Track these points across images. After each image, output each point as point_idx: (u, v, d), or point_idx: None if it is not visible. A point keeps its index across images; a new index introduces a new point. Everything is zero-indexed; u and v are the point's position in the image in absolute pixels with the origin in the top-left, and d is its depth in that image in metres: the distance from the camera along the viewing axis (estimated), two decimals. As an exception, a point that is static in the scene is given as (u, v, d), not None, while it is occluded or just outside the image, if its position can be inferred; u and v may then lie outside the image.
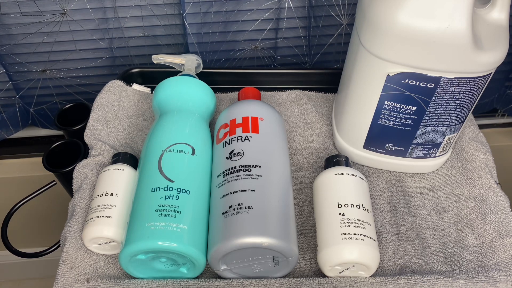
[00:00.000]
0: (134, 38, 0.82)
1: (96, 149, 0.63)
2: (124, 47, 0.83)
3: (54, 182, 0.64)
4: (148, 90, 0.74)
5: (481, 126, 0.69)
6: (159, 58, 0.68)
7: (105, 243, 0.52)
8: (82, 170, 0.60)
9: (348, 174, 0.54)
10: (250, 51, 0.85)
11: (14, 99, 0.88)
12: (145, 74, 0.77)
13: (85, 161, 0.61)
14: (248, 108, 0.59)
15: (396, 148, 0.60)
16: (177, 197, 0.49)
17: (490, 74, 0.52)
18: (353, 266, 0.49)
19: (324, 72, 0.77)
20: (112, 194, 0.54)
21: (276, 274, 0.51)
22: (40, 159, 0.63)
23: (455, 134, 0.59)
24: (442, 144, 0.59)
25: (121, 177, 0.56)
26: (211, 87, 0.64)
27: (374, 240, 0.50)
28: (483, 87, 0.53)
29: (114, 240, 0.51)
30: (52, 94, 0.89)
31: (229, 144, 0.55)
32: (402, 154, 0.60)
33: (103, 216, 0.52)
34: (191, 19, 0.78)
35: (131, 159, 0.59)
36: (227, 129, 0.57)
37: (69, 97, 0.89)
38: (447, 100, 0.53)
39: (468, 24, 0.46)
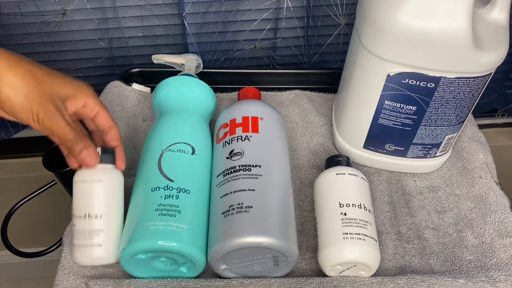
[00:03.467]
0: (133, 38, 0.82)
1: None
2: (124, 47, 0.83)
3: (54, 182, 0.63)
4: (147, 89, 0.74)
5: (481, 126, 0.69)
6: (159, 58, 0.68)
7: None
8: None
9: (350, 174, 0.54)
10: (249, 51, 0.85)
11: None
12: (145, 74, 0.77)
13: None
14: (248, 108, 0.59)
15: (396, 148, 0.60)
16: (177, 196, 0.49)
17: (490, 74, 0.52)
18: (354, 265, 0.49)
19: (324, 72, 0.77)
20: (96, 217, 0.48)
21: (276, 274, 0.51)
22: (39, 159, 0.62)
23: (455, 134, 0.59)
24: (442, 144, 0.59)
25: (100, 193, 0.49)
26: (211, 87, 0.64)
27: (375, 240, 0.50)
28: (483, 87, 0.53)
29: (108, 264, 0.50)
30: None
31: (229, 143, 0.55)
32: (402, 154, 0.60)
33: (92, 246, 0.48)
34: (191, 19, 0.78)
35: (113, 157, 0.51)
36: (227, 128, 0.57)
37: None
38: (447, 100, 0.53)
39: (468, 24, 0.47)
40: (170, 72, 0.70)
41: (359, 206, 0.51)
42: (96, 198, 0.49)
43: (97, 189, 0.49)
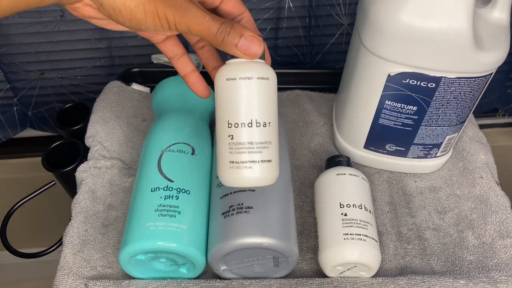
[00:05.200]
0: (133, 38, 0.82)
1: (96, 151, 0.62)
2: (124, 47, 0.83)
3: (54, 182, 0.63)
4: (147, 89, 0.74)
5: (481, 126, 0.69)
6: (159, 58, 0.68)
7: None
8: (79, 174, 0.59)
9: (350, 174, 0.54)
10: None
11: (12, 102, 0.88)
12: (144, 74, 0.77)
13: (83, 165, 0.60)
14: (248, 108, 0.59)
15: (396, 148, 0.60)
16: (176, 197, 0.49)
17: (491, 74, 0.51)
18: (355, 266, 0.49)
19: (325, 72, 0.77)
20: (265, 125, 0.39)
21: (276, 275, 0.51)
22: (39, 159, 0.62)
23: (456, 134, 0.59)
24: (443, 144, 0.59)
25: (269, 94, 0.40)
26: (211, 87, 0.64)
27: (375, 240, 0.50)
28: (484, 87, 0.53)
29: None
30: (51, 96, 0.88)
31: (229, 144, 0.55)
32: (403, 154, 0.60)
33: (260, 162, 0.39)
34: (191, 19, 0.78)
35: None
36: (227, 129, 0.57)
37: (67, 98, 0.89)
38: (448, 100, 0.53)
39: (469, 24, 0.46)
40: (170, 72, 0.70)
41: (360, 207, 0.51)
42: (265, 101, 0.39)
43: (265, 89, 0.39)
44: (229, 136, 0.39)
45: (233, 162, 0.39)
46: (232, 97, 0.39)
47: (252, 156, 0.39)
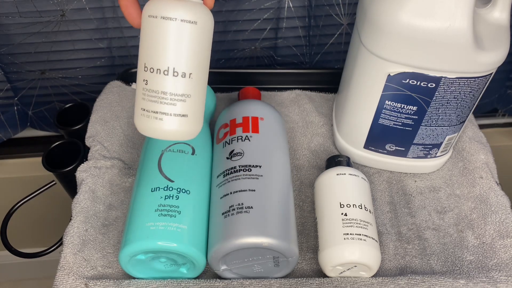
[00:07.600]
0: (133, 37, 0.82)
1: (96, 151, 0.62)
2: (124, 47, 0.83)
3: (54, 182, 0.63)
4: (148, 90, 0.74)
5: (481, 126, 0.69)
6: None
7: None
8: (79, 174, 0.59)
9: (350, 174, 0.54)
10: (250, 51, 0.84)
11: (12, 101, 0.88)
12: (145, 74, 0.77)
13: (83, 165, 0.60)
14: (248, 108, 0.59)
15: (396, 148, 0.60)
16: (177, 197, 0.49)
17: (491, 74, 0.51)
18: (355, 266, 0.49)
19: (325, 72, 0.77)
20: (184, 75, 0.35)
21: (276, 274, 0.51)
22: (39, 159, 0.62)
23: (456, 134, 0.59)
24: (443, 144, 0.59)
25: (193, 41, 0.35)
26: (211, 87, 0.64)
27: (375, 240, 0.50)
28: (484, 87, 0.53)
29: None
30: (51, 96, 0.88)
31: (229, 144, 0.55)
32: (403, 154, 0.60)
33: (173, 115, 0.36)
34: (191, 19, 0.78)
35: None
36: (227, 129, 0.57)
37: (68, 98, 0.89)
38: (448, 100, 0.53)
39: (469, 24, 0.46)
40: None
41: (360, 207, 0.51)
42: (187, 49, 0.35)
43: (189, 35, 0.35)
44: (143, 80, 0.36)
45: (144, 109, 0.36)
46: (150, 37, 0.34)
47: (163, 107, 0.35)
